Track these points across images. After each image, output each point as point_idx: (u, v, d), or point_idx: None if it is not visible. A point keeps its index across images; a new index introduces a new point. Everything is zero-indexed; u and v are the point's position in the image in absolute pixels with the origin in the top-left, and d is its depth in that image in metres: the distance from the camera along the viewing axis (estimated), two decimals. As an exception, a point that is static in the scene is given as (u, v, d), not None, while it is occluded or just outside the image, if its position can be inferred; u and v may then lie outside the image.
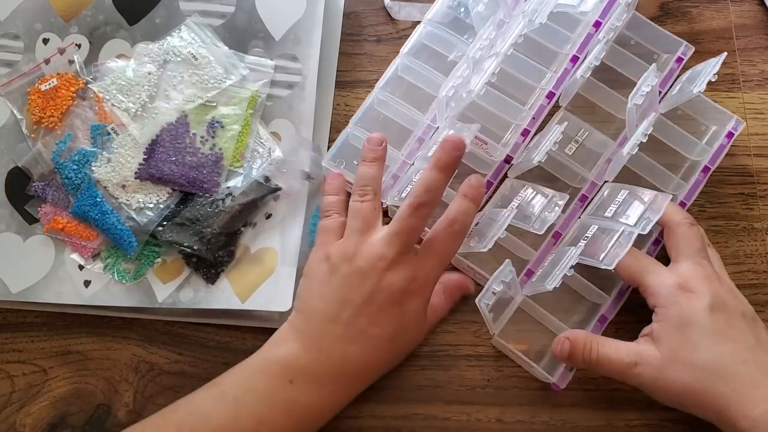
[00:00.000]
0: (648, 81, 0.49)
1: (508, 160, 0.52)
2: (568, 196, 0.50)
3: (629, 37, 0.56)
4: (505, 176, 0.53)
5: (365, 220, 0.47)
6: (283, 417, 0.44)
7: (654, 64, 0.50)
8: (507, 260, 0.46)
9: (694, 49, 0.55)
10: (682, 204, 0.52)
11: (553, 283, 0.46)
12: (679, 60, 0.55)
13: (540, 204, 0.49)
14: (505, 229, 0.47)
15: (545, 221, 0.48)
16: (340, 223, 0.50)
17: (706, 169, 0.52)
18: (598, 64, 0.51)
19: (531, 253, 0.51)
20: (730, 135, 0.53)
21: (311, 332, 0.46)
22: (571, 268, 0.46)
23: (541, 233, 0.48)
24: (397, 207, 0.52)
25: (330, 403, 0.46)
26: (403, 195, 0.51)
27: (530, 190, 0.51)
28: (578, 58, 0.53)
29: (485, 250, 0.47)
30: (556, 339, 0.48)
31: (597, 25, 0.53)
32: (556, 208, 0.48)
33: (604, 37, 0.52)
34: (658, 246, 0.51)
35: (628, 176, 0.53)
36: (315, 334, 0.46)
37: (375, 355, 0.46)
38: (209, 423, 0.43)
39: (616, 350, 0.46)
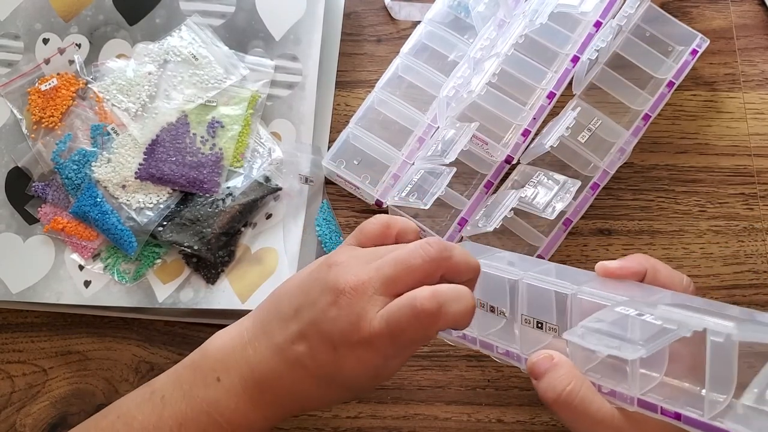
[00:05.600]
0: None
1: (508, 160, 0.52)
2: (579, 182, 0.50)
3: (644, 29, 0.56)
4: (506, 176, 0.53)
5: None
6: (205, 419, 0.39)
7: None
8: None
9: (709, 41, 0.55)
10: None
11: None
12: (694, 52, 0.55)
13: (551, 190, 0.50)
14: (517, 215, 0.47)
15: (556, 207, 0.48)
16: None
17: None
18: (604, 45, 0.51)
19: (540, 239, 0.52)
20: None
21: (257, 327, 0.41)
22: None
23: (552, 218, 0.48)
24: (397, 207, 0.52)
25: (255, 413, 0.40)
26: (403, 195, 0.51)
27: (542, 176, 0.51)
28: (579, 58, 0.53)
29: (491, 229, 0.48)
30: (538, 353, 0.39)
31: (597, 25, 0.53)
32: (567, 194, 0.49)
33: (617, 24, 0.52)
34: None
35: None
36: (258, 330, 0.40)
37: (299, 386, 0.39)
38: (132, 427, 0.40)
39: (600, 407, 0.37)
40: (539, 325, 0.40)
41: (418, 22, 0.57)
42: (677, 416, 0.35)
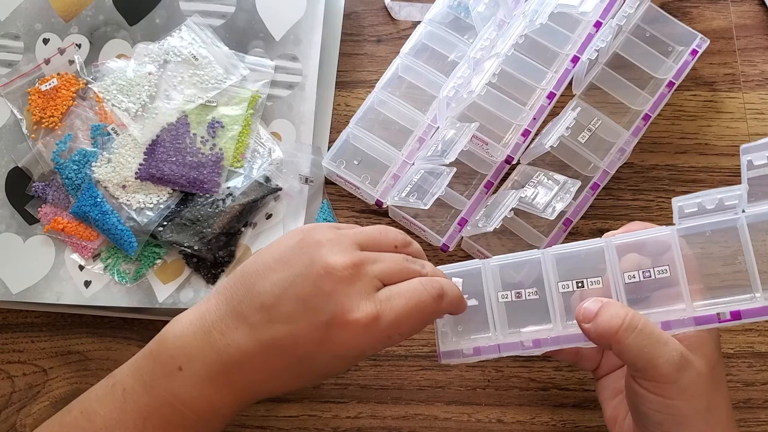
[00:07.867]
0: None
1: (508, 160, 0.52)
2: (579, 183, 0.50)
3: (644, 29, 0.56)
4: (506, 176, 0.54)
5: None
6: (168, 410, 0.37)
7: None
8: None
9: (708, 41, 0.55)
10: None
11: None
12: (694, 52, 0.55)
13: (551, 190, 0.50)
14: (517, 215, 0.47)
15: (556, 207, 0.48)
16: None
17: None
18: (604, 45, 0.51)
19: (540, 239, 0.52)
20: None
21: (222, 308, 0.38)
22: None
23: (552, 219, 0.48)
24: (397, 207, 0.52)
25: (220, 400, 0.38)
26: (403, 195, 0.51)
27: (542, 176, 0.51)
28: (579, 58, 0.53)
29: (491, 229, 0.48)
30: (582, 302, 0.39)
31: (597, 25, 0.54)
32: (567, 194, 0.49)
33: (617, 24, 0.52)
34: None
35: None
36: (224, 311, 0.38)
37: (272, 366, 0.38)
38: (95, 423, 0.38)
39: (662, 331, 0.37)
40: (580, 284, 0.41)
41: (418, 22, 0.57)
42: (737, 315, 0.36)
